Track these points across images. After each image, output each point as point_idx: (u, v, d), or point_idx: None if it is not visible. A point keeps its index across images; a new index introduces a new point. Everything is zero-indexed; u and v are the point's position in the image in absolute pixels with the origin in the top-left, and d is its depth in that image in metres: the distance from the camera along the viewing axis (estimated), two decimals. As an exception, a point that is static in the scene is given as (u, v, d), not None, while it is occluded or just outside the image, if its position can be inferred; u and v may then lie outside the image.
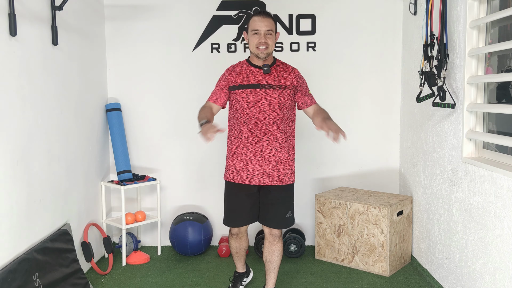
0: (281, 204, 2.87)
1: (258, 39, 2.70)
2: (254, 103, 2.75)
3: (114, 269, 3.59)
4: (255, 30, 2.70)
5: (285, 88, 2.78)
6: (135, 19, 3.96)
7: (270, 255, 2.96)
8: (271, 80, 2.77)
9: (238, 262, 3.17)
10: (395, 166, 4.09)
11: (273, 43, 2.74)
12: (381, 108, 4.04)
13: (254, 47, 2.73)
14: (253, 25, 2.71)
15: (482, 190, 2.58)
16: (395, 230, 3.49)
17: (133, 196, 4.09)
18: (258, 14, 2.72)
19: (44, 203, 2.85)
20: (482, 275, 2.59)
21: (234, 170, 2.83)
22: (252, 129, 2.77)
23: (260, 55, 2.73)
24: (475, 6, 2.71)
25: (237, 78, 2.80)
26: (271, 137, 2.77)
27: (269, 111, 2.75)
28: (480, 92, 2.76)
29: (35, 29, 2.76)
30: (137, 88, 4.03)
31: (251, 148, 2.78)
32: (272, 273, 3.00)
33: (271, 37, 2.72)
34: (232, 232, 2.99)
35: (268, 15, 2.73)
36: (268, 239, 2.94)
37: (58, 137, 3.06)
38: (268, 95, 2.75)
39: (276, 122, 2.77)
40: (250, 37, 2.74)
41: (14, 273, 2.35)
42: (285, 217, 2.88)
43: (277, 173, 2.80)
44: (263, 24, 2.68)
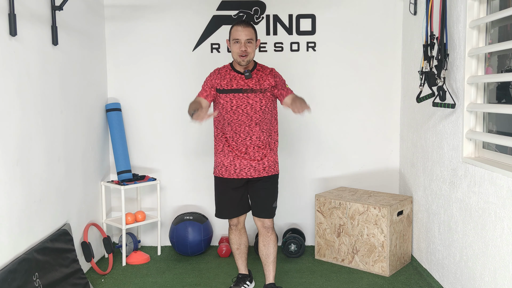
0: (268, 194, 3.04)
1: (239, 47, 2.85)
2: (237, 107, 2.91)
3: (114, 269, 3.59)
4: (236, 39, 2.86)
5: (265, 90, 2.94)
6: (135, 19, 3.96)
7: (266, 248, 3.08)
8: (252, 84, 2.93)
9: (240, 261, 3.20)
10: (395, 166, 4.09)
11: (253, 50, 2.90)
12: (381, 108, 4.04)
13: (235, 54, 2.88)
14: (234, 34, 2.86)
15: (482, 190, 2.58)
16: (395, 230, 3.49)
17: (133, 196, 4.09)
18: (239, 23, 2.88)
19: (44, 203, 2.85)
20: (482, 275, 2.59)
21: (222, 166, 3.00)
22: (236, 130, 2.94)
23: (241, 62, 2.89)
24: (475, 6, 2.71)
25: (222, 82, 2.95)
26: (254, 137, 2.95)
27: (251, 113, 2.92)
28: (480, 92, 2.76)
29: (35, 29, 2.76)
30: (137, 88, 4.03)
31: (236, 146, 2.96)
32: (271, 266, 3.11)
33: (251, 45, 2.88)
34: (231, 224, 3.12)
35: (248, 24, 2.89)
36: (262, 232, 3.09)
37: (58, 137, 3.06)
38: (250, 99, 2.91)
39: (258, 123, 2.94)
40: (232, 45, 2.90)
41: (14, 273, 2.35)
42: (271, 207, 3.06)
43: (263, 166, 2.99)
44: (243, 33, 2.84)
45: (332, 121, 4.05)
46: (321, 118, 4.02)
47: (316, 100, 3.99)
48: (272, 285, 3.10)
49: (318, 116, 4.03)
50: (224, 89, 2.91)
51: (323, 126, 4.04)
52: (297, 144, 4.06)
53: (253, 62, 3.00)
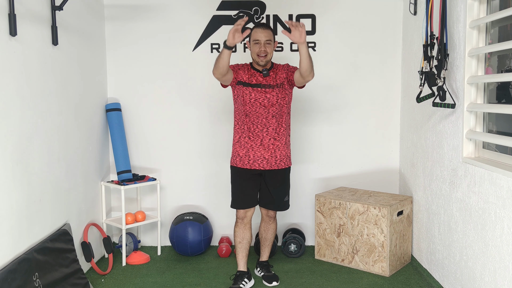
0: (279, 188, 3.26)
1: (258, 48, 3.07)
2: (255, 100, 3.12)
3: (114, 269, 3.59)
4: (256, 40, 3.07)
5: (281, 85, 3.14)
6: (135, 19, 3.96)
7: (265, 233, 3.41)
8: (270, 81, 3.15)
9: (240, 255, 3.27)
10: (395, 166, 4.09)
11: (271, 51, 3.11)
12: (381, 108, 4.04)
13: (255, 54, 3.10)
14: (255, 36, 3.07)
15: (482, 190, 2.58)
16: (395, 230, 3.49)
17: (133, 196, 4.09)
18: (259, 26, 3.09)
19: (44, 203, 2.85)
20: (482, 275, 2.59)
21: (237, 156, 3.20)
22: (254, 121, 3.14)
23: (260, 62, 3.10)
24: (475, 6, 2.71)
25: (244, 75, 3.15)
26: (270, 128, 3.15)
27: (269, 106, 3.12)
28: (480, 92, 2.76)
29: (35, 29, 2.76)
30: (137, 88, 4.03)
31: (252, 137, 3.15)
32: (267, 248, 3.45)
33: (269, 46, 3.09)
34: (238, 216, 3.24)
35: (267, 27, 3.10)
36: (264, 219, 3.37)
37: (58, 137, 3.06)
38: (267, 93, 3.12)
39: (274, 116, 3.15)
40: (252, 46, 3.11)
41: (14, 273, 2.35)
42: (283, 201, 3.30)
43: (275, 159, 3.18)
44: (263, 35, 3.04)
45: (332, 121, 4.05)
46: (321, 118, 4.02)
47: (316, 100, 3.99)
48: (266, 262, 3.44)
49: (318, 116, 4.03)
50: (246, 82, 3.12)
51: (323, 126, 4.04)
52: (297, 144, 4.06)
53: (271, 63, 3.19)
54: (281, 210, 3.35)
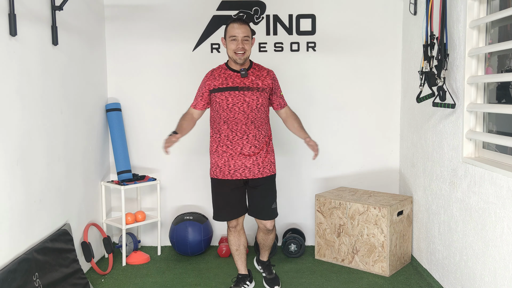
0: (266, 195, 3.04)
1: (236, 45, 2.83)
2: (233, 104, 2.88)
3: (114, 269, 3.59)
4: (232, 36, 2.83)
5: (262, 90, 2.93)
6: (135, 19, 3.96)
7: (264, 241, 3.23)
8: (249, 82, 2.91)
9: (239, 261, 3.21)
10: (395, 166, 4.09)
11: (249, 48, 2.88)
12: (381, 108, 4.04)
13: (232, 52, 2.86)
14: (231, 32, 2.84)
15: (482, 190, 2.58)
16: (395, 230, 3.49)
17: (133, 196, 4.09)
18: (235, 21, 2.85)
19: (44, 203, 2.85)
20: (482, 275, 2.59)
21: (216, 167, 3.00)
22: (232, 128, 2.92)
23: (238, 60, 2.86)
24: (475, 6, 2.71)
25: (216, 82, 2.92)
26: (250, 135, 2.94)
27: (248, 111, 2.90)
28: (480, 92, 2.76)
29: (35, 29, 2.76)
30: (137, 88, 4.03)
31: (231, 146, 2.94)
32: (267, 251, 3.31)
33: (247, 43, 2.85)
34: (230, 225, 3.11)
35: (244, 22, 2.87)
36: (262, 230, 3.17)
37: (58, 137, 3.06)
38: (246, 97, 2.89)
39: (254, 122, 2.93)
40: (228, 43, 2.87)
41: (14, 273, 2.35)
42: (271, 208, 3.07)
43: (257, 167, 2.98)
44: (240, 30, 2.82)
45: (332, 120, 4.05)
46: (321, 118, 4.02)
47: (316, 100, 4.00)
48: (267, 262, 3.32)
49: (318, 116, 4.03)
50: (219, 88, 2.89)
51: (323, 126, 4.04)
52: (297, 143, 4.05)
53: (249, 62, 2.99)
54: (269, 218, 3.07)
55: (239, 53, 2.84)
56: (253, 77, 2.93)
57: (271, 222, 3.10)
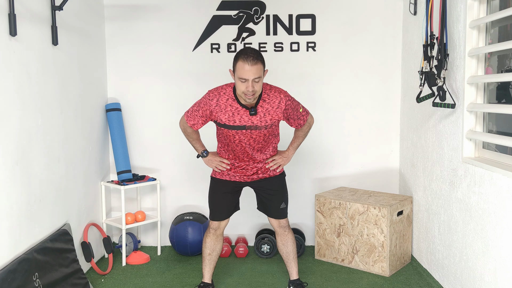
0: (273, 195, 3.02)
1: (245, 87, 2.54)
2: (240, 141, 2.84)
3: (114, 269, 3.59)
4: (242, 79, 2.52)
5: (271, 126, 2.80)
6: (135, 19, 3.96)
7: (285, 247, 3.09)
8: (257, 121, 2.73)
9: (207, 268, 3.10)
10: (395, 166, 4.09)
11: (260, 87, 2.59)
12: (381, 108, 4.04)
13: (241, 92, 2.58)
14: (240, 73, 2.52)
15: (482, 190, 2.58)
16: (395, 230, 3.49)
17: (133, 196, 4.09)
18: (247, 59, 2.49)
19: (44, 203, 2.85)
20: (482, 275, 2.59)
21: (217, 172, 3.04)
22: (238, 154, 2.92)
23: (246, 101, 2.62)
24: (475, 6, 2.71)
25: (222, 116, 2.71)
26: (256, 160, 2.95)
27: (254, 144, 2.87)
28: (480, 92, 2.76)
29: (35, 29, 2.76)
30: (137, 88, 4.03)
31: (237, 164, 2.96)
32: (293, 262, 3.11)
33: (258, 83, 2.55)
34: (211, 227, 3.07)
35: (257, 60, 2.52)
36: (278, 232, 3.08)
37: (58, 137, 3.06)
38: (253, 134, 2.81)
39: (260, 149, 2.92)
40: (236, 81, 2.58)
41: (14, 273, 2.35)
42: (279, 208, 3.03)
43: (256, 175, 3.00)
44: (251, 72, 2.50)
45: (332, 121, 4.05)
46: (321, 118, 4.02)
47: (316, 100, 3.99)
48: (297, 280, 3.12)
49: (318, 116, 4.02)
50: (226, 125, 2.74)
51: (323, 126, 4.04)
52: (297, 144, 4.05)
53: None
54: (278, 218, 3.04)
55: (249, 96, 2.56)
56: (262, 113, 2.71)
57: (286, 220, 3.07)
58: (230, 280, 3.38)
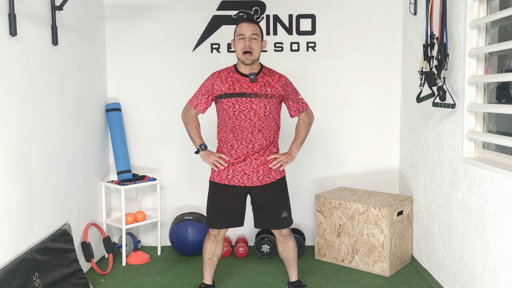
0: (272, 203, 2.90)
1: (243, 43, 2.73)
2: (239, 112, 2.78)
3: (114, 269, 3.59)
4: (240, 35, 2.74)
5: (271, 97, 2.80)
6: (135, 19, 3.96)
7: (286, 253, 3.05)
8: (257, 88, 2.78)
9: (208, 271, 3.07)
10: (395, 166, 4.09)
11: (258, 48, 2.76)
12: (381, 108, 4.04)
13: (240, 52, 2.75)
14: (239, 30, 2.76)
15: (482, 190, 2.58)
16: (395, 230, 3.49)
17: (133, 196, 4.09)
18: (244, 20, 2.77)
19: (44, 203, 2.85)
20: (482, 275, 2.59)
21: (215, 170, 2.93)
22: (238, 137, 2.82)
23: (245, 61, 2.75)
24: (475, 6, 2.71)
25: (223, 86, 2.80)
26: (256, 144, 2.83)
27: (255, 119, 2.79)
28: (480, 92, 2.76)
29: (35, 29, 2.76)
30: (137, 88, 4.03)
31: (235, 155, 2.85)
32: (292, 267, 3.09)
33: (256, 42, 2.74)
34: (211, 233, 2.99)
35: (254, 22, 2.78)
36: (279, 239, 3.02)
37: (58, 137, 3.06)
38: (254, 104, 2.77)
39: (261, 130, 2.82)
40: (236, 43, 2.77)
41: (14, 273, 2.35)
42: (280, 218, 2.91)
43: (257, 174, 2.86)
44: (248, 28, 2.73)
45: (332, 121, 4.05)
46: (321, 118, 4.02)
47: (316, 100, 3.99)
48: (297, 282, 3.10)
49: (318, 116, 4.02)
50: (226, 93, 2.77)
51: (323, 126, 4.04)
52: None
53: (260, 65, 2.87)
54: (280, 228, 2.92)
55: (247, 52, 2.71)
56: (262, 83, 2.80)
57: (287, 228, 2.96)
58: (230, 280, 3.39)
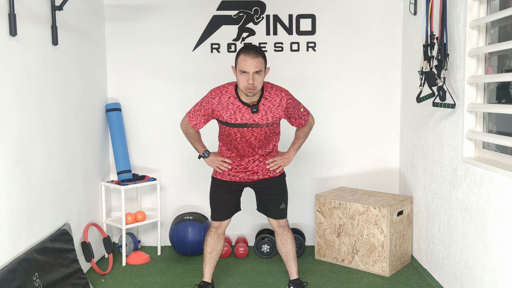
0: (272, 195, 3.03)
1: (246, 80, 2.59)
2: (241, 138, 2.86)
3: (114, 269, 3.59)
4: (243, 72, 2.59)
5: (272, 124, 2.84)
6: (135, 19, 3.96)
7: (285, 246, 3.09)
8: (258, 119, 2.76)
9: (208, 267, 3.10)
10: (395, 166, 4.09)
11: (261, 82, 2.63)
12: (381, 108, 4.04)
13: (242, 86, 2.63)
14: (242, 65, 2.58)
15: (482, 190, 2.58)
16: (395, 230, 3.49)
17: (133, 196, 4.09)
18: (248, 52, 2.57)
19: (44, 203, 2.85)
20: (482, 275, 2.59)
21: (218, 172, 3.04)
22: (239, 151, 2.93)
23: (248, 94, 2.65)
24: (475, 6, 2.71)
25: (224, 114, 2.75)
26: (256, 156, 2.97)
27: (255, 142, 2.89)
28: (480, 92, 2.76)
29: (35, 29, 2.76)
30: (137, 88, 4.03)
31: (237, 162, 2.97)
32: (292, 262, 3.12)
33: (259, 77, 2.60)
34: (213, 226, 3.08)
35: (258, 54, 2.59)
36: (278, 231, 3.09)
37: (58, 137, 3.06)
38: (255, 132, 2.83)
39: (261, 147, 2.94)
40: (238, 76, 2.63)
41: (14, 273, 2.35)
42: (278, 209, 3.05)
43: (256, 175, 3.00)
44: (252, 65, 2.56)
45: (332, 121, 4.05)
46: (321, 118, 4.01)
47: (316, 100, 3.99)
48: (297, 280, 3.12)
49: (318, 116, 4.02)
50: (228, 123, 2.78)
51: (323, 126, 4.04)
52: (297, 144, 4.05)
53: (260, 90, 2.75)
54: (278, 218, 3.05)
55: (249, 89, 2.61)
56: (264, 111, 2.75)
57: (285, 219, 3.09)
58: (230, 280, 3.39)
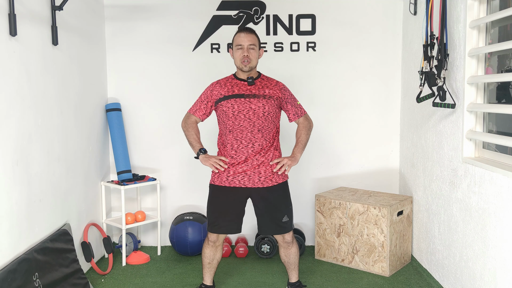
0: (273, 207, 2.87)
1: (241, 53, 2.82)
2: (239, 112, 2.82)
3: (114, 269, 3.59)
4: (238, 45, 2.83)
5: (269, 98, 2.86)
6: (135, 19, 3.96)
7: (288, 258, 3.03)
8: (255, 90, 2.87)
9: (208, 273, 3.06)
10: (395, 166, 4.09)
11: (255, 57, 2.86)
12: (381, 108, 4.04)
13: (238, 61, 2.85)
14: (237, 40, 2.84)
15: (482, 190, 2.58)
16: (395, 230, 3.49)
17: (133, 196, 4.09)
18: (242, 30, 2.86)
19: (44, 203, 2.85)
20: (482, 275, 2.59)
21: (216, 172, 2.90)
22: (237, 136, 2.83)
23: (244, 68, 2.83)
24: (475, 6, 2.71)
25: (222, 90, 2.89)
26: (256, 144, 2.84)
27: (254, 119, 2.82)
28: (480, 92, 2.76)
29: (35, 29, 2.76)
30: (137, 88, 4.03)
31: (236, 155, 2.84)
32: (293, 271, 3.08)
33: (254, 52, 2.84)
34: (210, 239, 2.97)
35: (251, 31, 2.86)
36: (282, 245, 2.99)
37: (58, 137, 3.06)
38: (252, 104, 2.82)
39: (260, 130, 2.84)
40: (234, 52, 2.87)
41: (14, 273, 2.35)
42: (281, 222, 2.88)
43: (258, 175, 2.84)
44: (246, 39, 2.82)
45: (332, 121, 4.05)
46: (321, 118, 4.02)
47: (316, 100, 4.00)
48: (297, 283, 3.09)
49: (318, 116, 4.03)
50: (225, 96, 2.85)
51: (323, 126, 4.04)
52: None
53: (257, 72, 2.95)
54: (281, 233, 2.90)
55: (244, 61, 2.82)
56: (261, 86, 2.89)
57: (288, 234, 2.93)
58: (230, 280, 3.39)
